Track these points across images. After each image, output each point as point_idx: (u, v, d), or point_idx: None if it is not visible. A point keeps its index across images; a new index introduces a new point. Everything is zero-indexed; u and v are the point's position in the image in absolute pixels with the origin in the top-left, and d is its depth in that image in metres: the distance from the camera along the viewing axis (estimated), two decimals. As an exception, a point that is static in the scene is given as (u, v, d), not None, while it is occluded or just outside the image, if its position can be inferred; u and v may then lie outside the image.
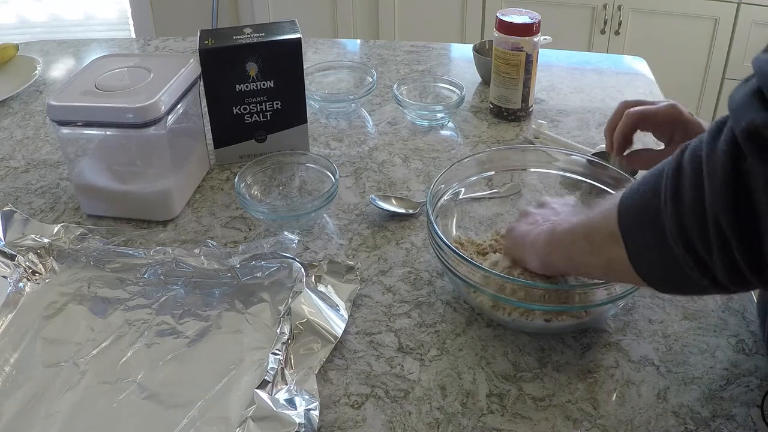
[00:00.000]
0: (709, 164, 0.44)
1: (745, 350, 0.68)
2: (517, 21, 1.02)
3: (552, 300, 0.65)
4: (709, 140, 0.45)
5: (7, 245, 0.79)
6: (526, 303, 0.66)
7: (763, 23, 2.25)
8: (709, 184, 0.44)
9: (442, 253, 0.69)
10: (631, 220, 0.52)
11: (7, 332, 0.71)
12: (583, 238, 0.58)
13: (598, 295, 0.65)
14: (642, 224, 0.51)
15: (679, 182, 0.46)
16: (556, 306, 0.65)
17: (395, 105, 1.11)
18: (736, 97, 0.44)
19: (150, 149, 0.84)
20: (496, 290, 0.66)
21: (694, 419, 0.62)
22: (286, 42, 0.93)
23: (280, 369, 0.63)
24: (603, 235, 0.55)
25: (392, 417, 0.62)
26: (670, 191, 0.47)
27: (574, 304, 0.65)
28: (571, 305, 0.66)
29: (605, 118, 1.10)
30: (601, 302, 0.65)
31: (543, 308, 0.66)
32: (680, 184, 0.46)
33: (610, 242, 0.53)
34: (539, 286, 0.66)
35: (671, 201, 0.47)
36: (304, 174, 0.91)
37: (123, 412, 0.63)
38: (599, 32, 2.39)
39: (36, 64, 1.26)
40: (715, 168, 0.44)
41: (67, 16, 2.90)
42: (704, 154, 0.45)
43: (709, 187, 0.44)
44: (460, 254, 0.67)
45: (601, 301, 0.65)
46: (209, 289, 0.76)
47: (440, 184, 0.78)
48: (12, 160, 1.02)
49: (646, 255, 0.51)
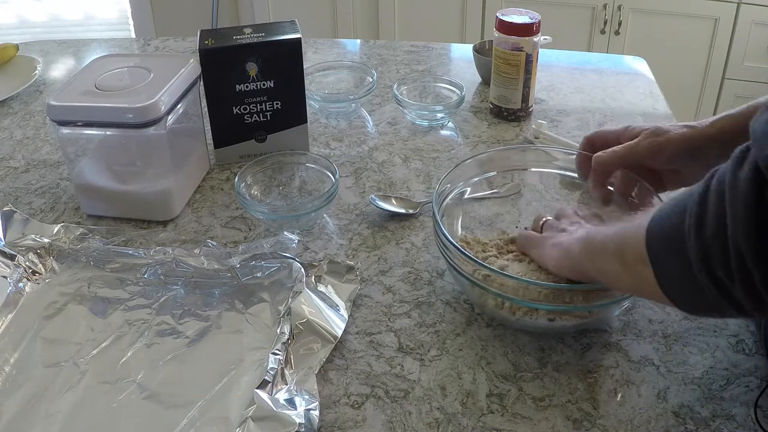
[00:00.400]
0: (731, 193, 0.44)
1: (745, 350, 0.68)
2: (517, 21, 1.02)
3: (556, 300, 0.65)
4: (732, 168, 0.44)
5: (7, 245, 0.79)
6: (532, 303, 0.65)
7: (763, 23, 2.25)
8: (731, 213, 0.43)
9: (448, 252, 0.69)
10: (658, 244, 0.51)
11: (7, 332, 0.71)
12: (615, 255, 0.57)
13: (602, 296, 0.65)
14: (668, 250, 0.50)
15: (704, 210, 0.46)
16: (561, 306, 0.65)
17: (395, 105, 1.11)
18: (759, 126, 0.43)
19: (150, 149, 0.84)
20: (501, 290, 0.66)
21: (694, 419, 0.62)
22: (286, 42, 0.93)
23: (280, 369, 0.63)
24: (634, 256, 0.54)
25: (392, 417, 0.62)
26: (694, 219, 0.47)
27: (579, 304, 0.65)
28: (575, 305, 0.66)
29: (605, 118, 1.10)
30: (606, 302, 0.65)
31: (548, 308, 0.66)
32: (704, 212, 0.46)
33: (641, 263, 0.53)
34: (547, 286, 0.65)
35: (694, 229, 0.46)
36: (304, 174, 0.91)
37: (123, 412, 0.63)
38: (599, 32, 2.39)
39: (36, 64, 1.26)
40: (737, 197, 0.43)
41: (67, 16, 2.90)
42: (727, 182, 0.44)
43: (731, 216, 0.43)
44: (466, 254, 0.67)
45: (605, 301, 0.65)
46: (209, 289, 0.76)
47: (445, 183, 0.78)
48: (12, 160, 1.02)
49: (673, 280, 0.51)
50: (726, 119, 0.70)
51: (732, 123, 0.69)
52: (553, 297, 0.65)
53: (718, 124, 0.70)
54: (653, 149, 0.72)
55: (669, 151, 0.71)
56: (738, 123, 0.68)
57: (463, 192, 0.81)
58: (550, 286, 0.65)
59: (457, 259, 0.68)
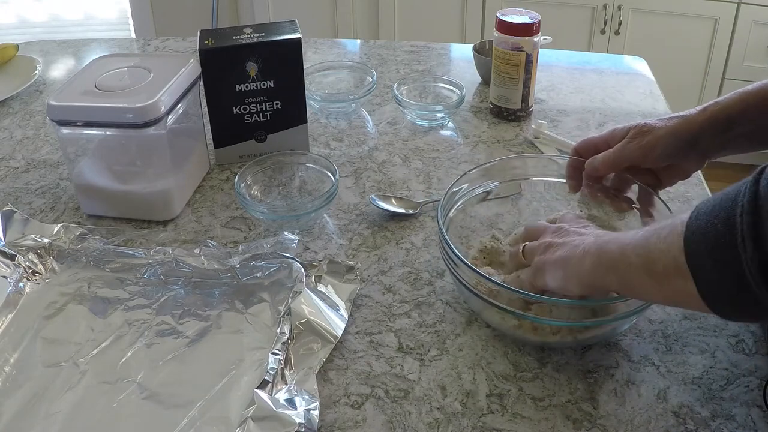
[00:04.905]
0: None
1: (745, 350, 0.68)
2: (517, 21, 1.02)
3: (579, 316, 0.64)
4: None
5: (7, 245, 0.79)
6: (553, 320, 0.64)
7: (763, 23, 2.25)
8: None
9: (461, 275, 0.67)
10: (700, 255, 0.48)
11: (7, 332, 0.71)
12: (642, 267, 0.54)
13: (623, 308, 0.64)
14: (715, 261, 0.47)
15: (758, 216, 0.43)
16: (584, 322, 0.64)
17: (395, 105, 1.11)
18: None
19: (150, 149, 0.84)
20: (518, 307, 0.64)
21: (694, 419, 0.62)
22: (286, 42, 0.93)
23: (280, 369, 0.63)
24: (667, 267, 0.51)
25: (392, 417, 0.62)
26: (748, 227, 0.44)
27: (605, 317, 0.64)
28: (601, 319, 0.64)
29: (605, 118, 1.10)
30: (626, 314, 0.64)
31: (570, 325, 0.64)
32: (759, 218, 0.43)
33: (676, 275, 0.50)
34: (567, 303, 0.63)
35: (750, 239, 0.43)
36: (304, 174, 0.91)
37: (123, 412, 0.63)
38: (599, 32, 2.39)
39: (36, 64, 1.26)
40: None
41: (67, 16, 2.90)
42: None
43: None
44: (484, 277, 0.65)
45: (625, 312, 0.64)
46: (209, 289, 0.76)
47: (449, 196, 0.76)
48: (12, 160, 1.02)
49: (720, 291, 0.48)
50: (716, 105, 0.68)
51: (723, 107, 0.68)
52: (574, 314, 0.64)
53: (709, 110, 0.68)
54: (643, 149, 0.70)
55: (659, 148, 0.70)
56: (729, 107, 0.68)
57: (466, 203, 0.80)
58: (570, 303, 0.63)
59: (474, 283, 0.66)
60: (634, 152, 0.71)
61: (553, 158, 0.83)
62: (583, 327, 0.65)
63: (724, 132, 0.68)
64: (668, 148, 0.70)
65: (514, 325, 0.67)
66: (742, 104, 0.67)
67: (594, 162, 0.74)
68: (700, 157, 0.72)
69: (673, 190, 0.86)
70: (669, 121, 0.70)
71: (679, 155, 0.71)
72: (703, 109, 0.69)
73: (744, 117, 0.67)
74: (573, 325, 0.65)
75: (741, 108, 0.67)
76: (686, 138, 0.69)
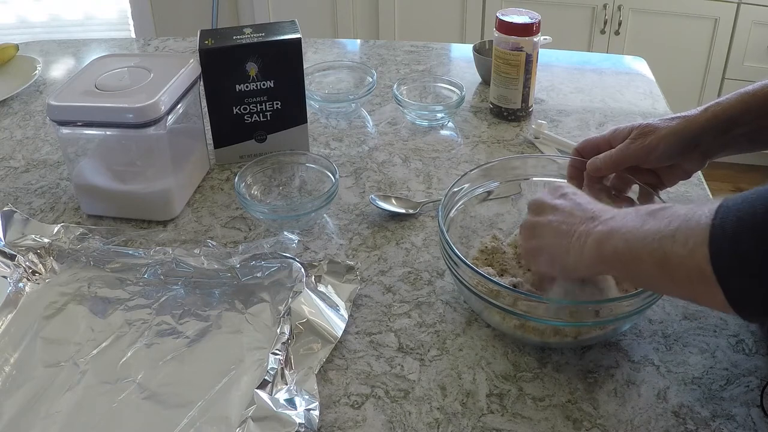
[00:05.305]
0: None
1: (745, 350, 0.68)
2: (517, 21, 1.02)
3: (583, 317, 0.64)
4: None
5: (7, 245, 0.79)
6: (555, 321, 0.64)
7: (763, 23, 2.25)
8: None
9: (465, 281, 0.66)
10: (730, 266, 0.46)
11: (7, 332, 0.71)
12: (657, 268, 0.51)
13: (626, 307, 0.63)
14: (747, 272, 0.45)
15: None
16: (587, 322, 0.64)
17: (395, 105, 1.11)
18: None
19: (150, 149, 0.84)
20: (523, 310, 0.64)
21: (694, 419, 0.62)
22: (286, 42, 0.93)
23: (280, 369, 0.63)
24: (689, 273, 0.49)
25: (392, 417, 0.62)
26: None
27: (607, 317, 0.64)
28: (603, 319, 0.64)
29: (605, 118, 1.10)
30: (628, 314, 0.64)
31: (574, 325, 0.64)
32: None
33: (700, 280, 0.48)
34: (573, 304, 0.64)
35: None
36: (304, 174, 0.91)
37: (123, 412, 0.63)
38: (599, 32, 2.39)
39: (36, 64, 1.26)
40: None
41: (67, 16, 2.90)
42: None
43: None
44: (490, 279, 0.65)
45: (628, 312, 0.64)
46: (209, 289, 0.76)
47: (449, 197, 0.76)
48: (12, 160, 1.02)
49: (751, 299, 0.46)
50: (718, 105, 0.69)
51: (725, 108, 0.68)
52: (578, 315, 0.64)
53: (710, 110, 0.69)
54: (645, 149, 0.71)
55: (661, 149, 0.70)
56: (730, 107, 0.68)
57: (467, 203, 0.79)
58: (577, 303, 0.63)
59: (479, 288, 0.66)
60: (636, 152, 0.71)
61: (554, 158, 0.83)
62: (583, 327, 0.65)
63: (726, 132, 0.69)
64: (670, 148, 0.70)
65: (515, 325, 0.67)
66: (743, 104, 0.68)
67: (596, 162, 0.74)
68: (701, 157, 0.73)
69: (674, 190, 0.86)
70: (671, 121, 0.71)
71: (680, 155, 0.71)
72: (704, 109, 0.69)
73: (745, 117, 0.67)
74: (573, 326, 0.65)
75: (742, 108, 0.68)
76: (688, 138, 0.70)
